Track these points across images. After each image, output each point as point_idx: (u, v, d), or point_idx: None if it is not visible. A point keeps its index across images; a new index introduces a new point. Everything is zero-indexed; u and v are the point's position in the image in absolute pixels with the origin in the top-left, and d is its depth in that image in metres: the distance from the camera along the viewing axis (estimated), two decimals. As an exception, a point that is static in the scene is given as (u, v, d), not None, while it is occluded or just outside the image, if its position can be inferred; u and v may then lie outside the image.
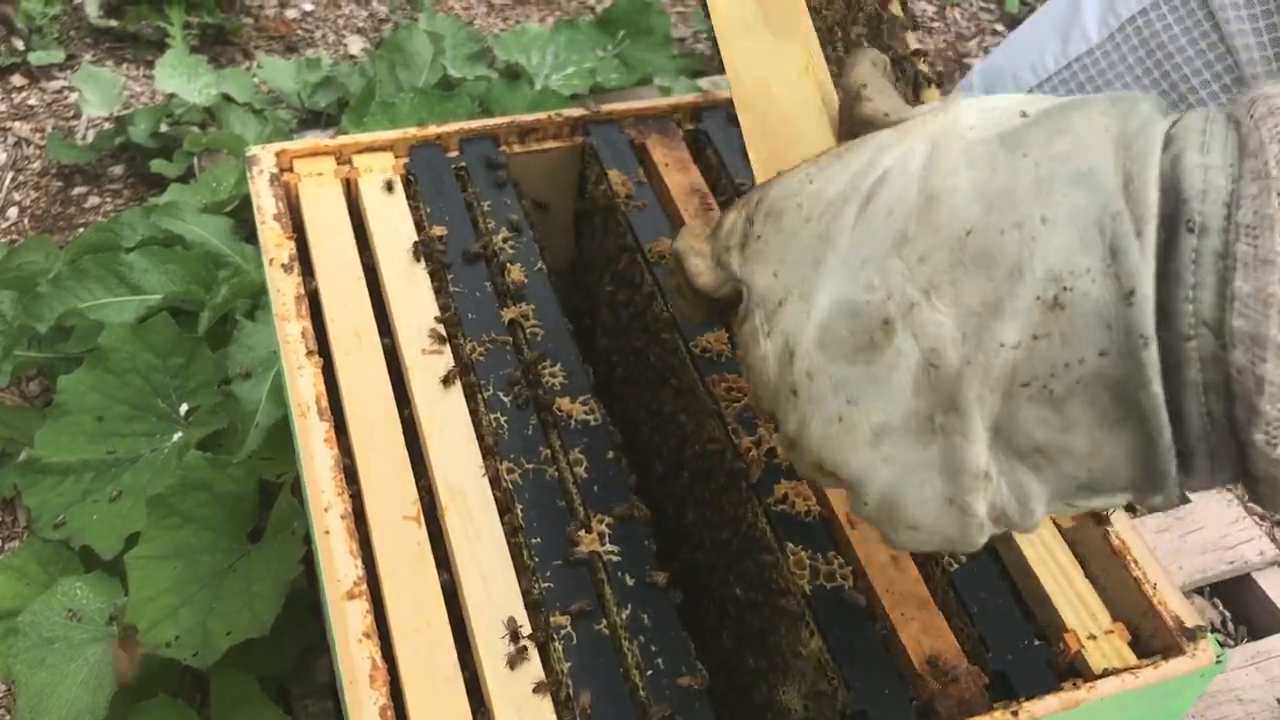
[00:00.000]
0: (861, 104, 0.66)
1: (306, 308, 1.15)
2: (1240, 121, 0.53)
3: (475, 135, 1.35)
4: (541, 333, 1.18)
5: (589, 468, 1.07)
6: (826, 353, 0.58)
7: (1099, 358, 0.51)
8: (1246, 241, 0.48)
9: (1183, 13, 1.30)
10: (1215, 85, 1.29)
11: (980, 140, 0.55)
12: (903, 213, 0.55)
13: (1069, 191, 0.52)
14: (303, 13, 3.05)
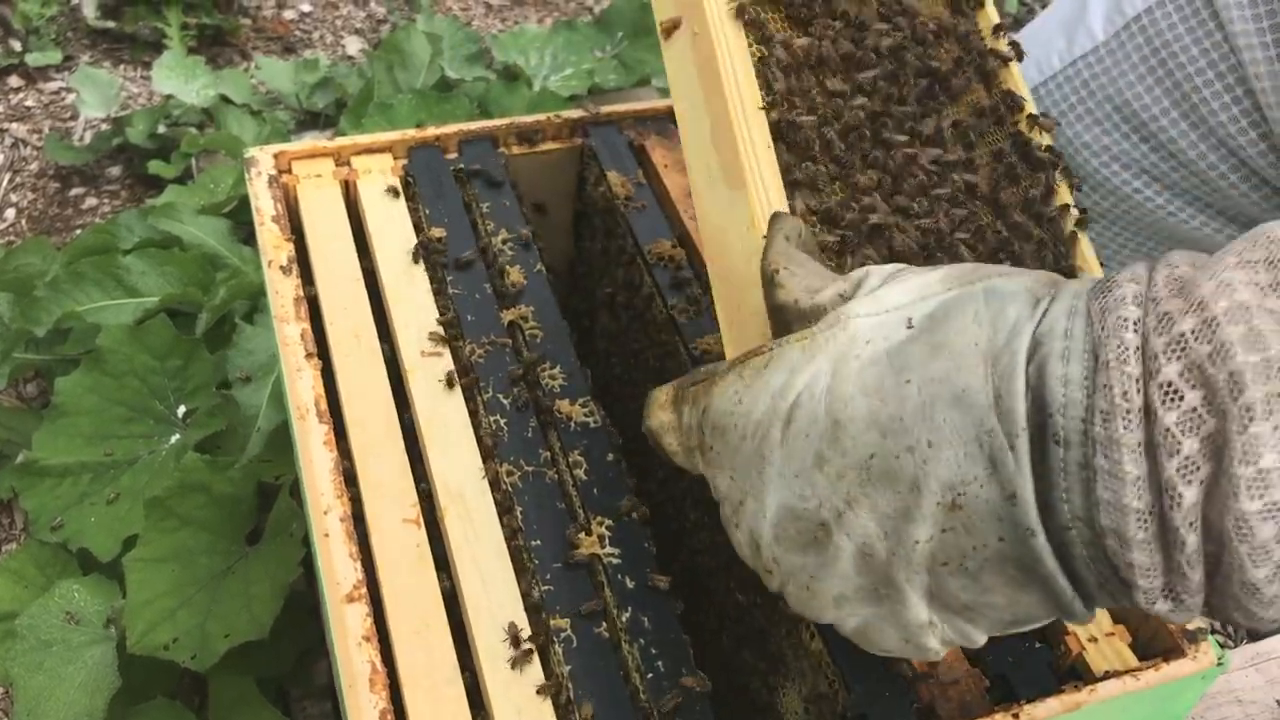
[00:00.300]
0: (775, 290, 0.72)
1: (305, 310, 1.15)
2: (1092, 324, 0.58)
3: (474, 137, 1.35)
4: (541, 334, 1.18)
5: (589, 470, 1.07)
6: (782, 546, 0.67)
7: (999, 542, 0.59)
8: (1102, 455, 0.55)
9: (1187, 11, 1.31)
10: (1219, 84, 1.29)
11: (871, 361, 0.62)
12: (816, 435, 0.63)
13: (948, 414, 0.58)
14: (300, 13, 3.04)
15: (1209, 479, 0.52)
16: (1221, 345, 0.52)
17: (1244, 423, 0.50)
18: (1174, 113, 1.33)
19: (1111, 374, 0.55)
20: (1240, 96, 1.28)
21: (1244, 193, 1.33)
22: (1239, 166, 1.32)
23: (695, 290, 1.24)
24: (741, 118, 0.91)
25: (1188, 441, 0.52)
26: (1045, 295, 0.61)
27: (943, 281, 0.64)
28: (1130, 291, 0.57)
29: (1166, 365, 0.53)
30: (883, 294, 0.65)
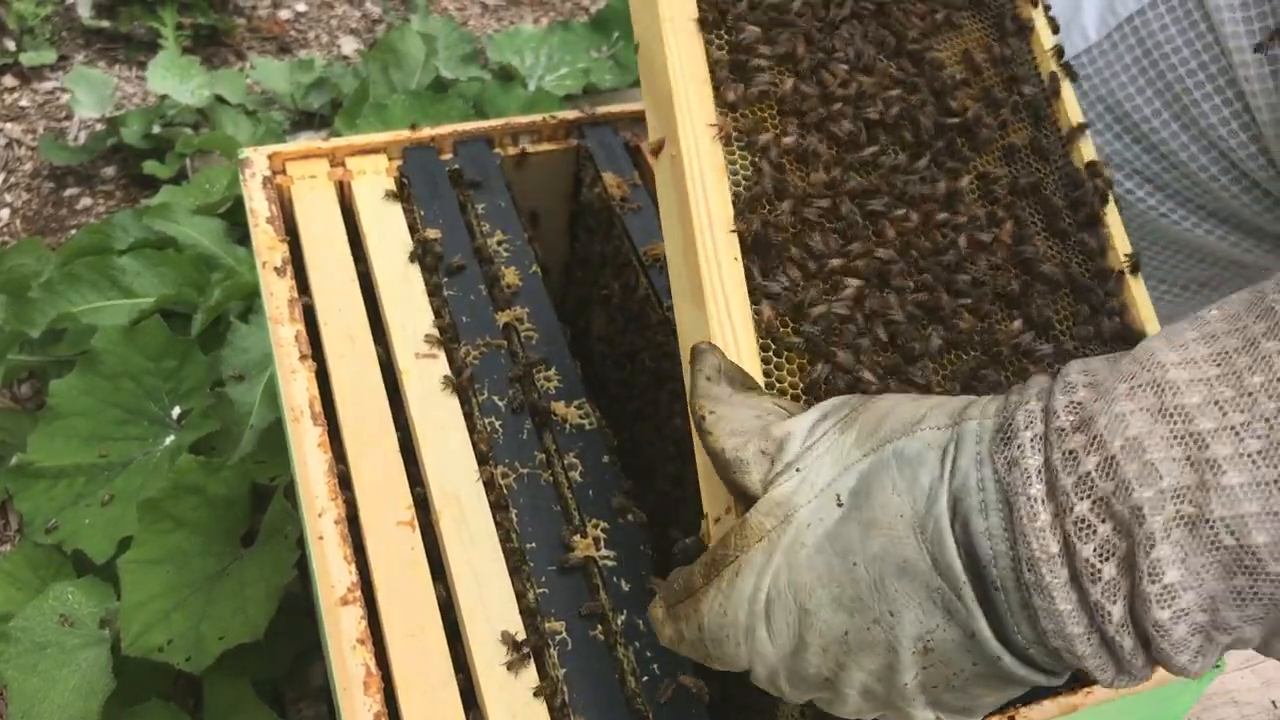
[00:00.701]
0: (705, 437, 0.76)
1: (300, 311, 1.15)
2: (999, 475, 0.64)
3: (469, 138, 1.34)
4: (536, 336, 1.18)
5: (584, 472, 1.07)
6: (798, 690, 0.73)
7: (973, 666, 0.66)
8: (1037, 597, 0.61)
9: (1180, 13, 1.30)
10: (1209, 86, 1.29)
11: (817, 549, 0.68)
12: (794, 624, 0.69)
13: (898, 585, 0.65)
14: (296, 13, 3.03)
15: (1129, 592, 0.60)
16: (1122, 482, 0.59)
17: (1147, 548, 0.58)
18: (1165, 114, 1.33)
19: (1027, 527, 0.61)
20: (1231, 99, 1.28)
21: (1234, 194, 1.33)
22: (1229, 169, 1.32)
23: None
24: (708, 238, 0.89)
25: (1106, 567, 0.60)
26: (950, 444, 0.66)
27: (857, 445, 0.70)
28: (1029, 438, 0.63)
29: (1078, 503, 0.60)
30: (810, 472, 0.70)
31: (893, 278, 0.92)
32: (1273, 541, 0.55)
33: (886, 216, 0.95)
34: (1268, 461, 0.56)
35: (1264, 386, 0.57)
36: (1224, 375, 0.59)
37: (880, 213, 0.95)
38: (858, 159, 0.97)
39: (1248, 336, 0.60)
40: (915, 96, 1.00)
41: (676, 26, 0.96)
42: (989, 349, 0.93)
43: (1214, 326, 0.62)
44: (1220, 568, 0.57)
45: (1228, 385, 0.58)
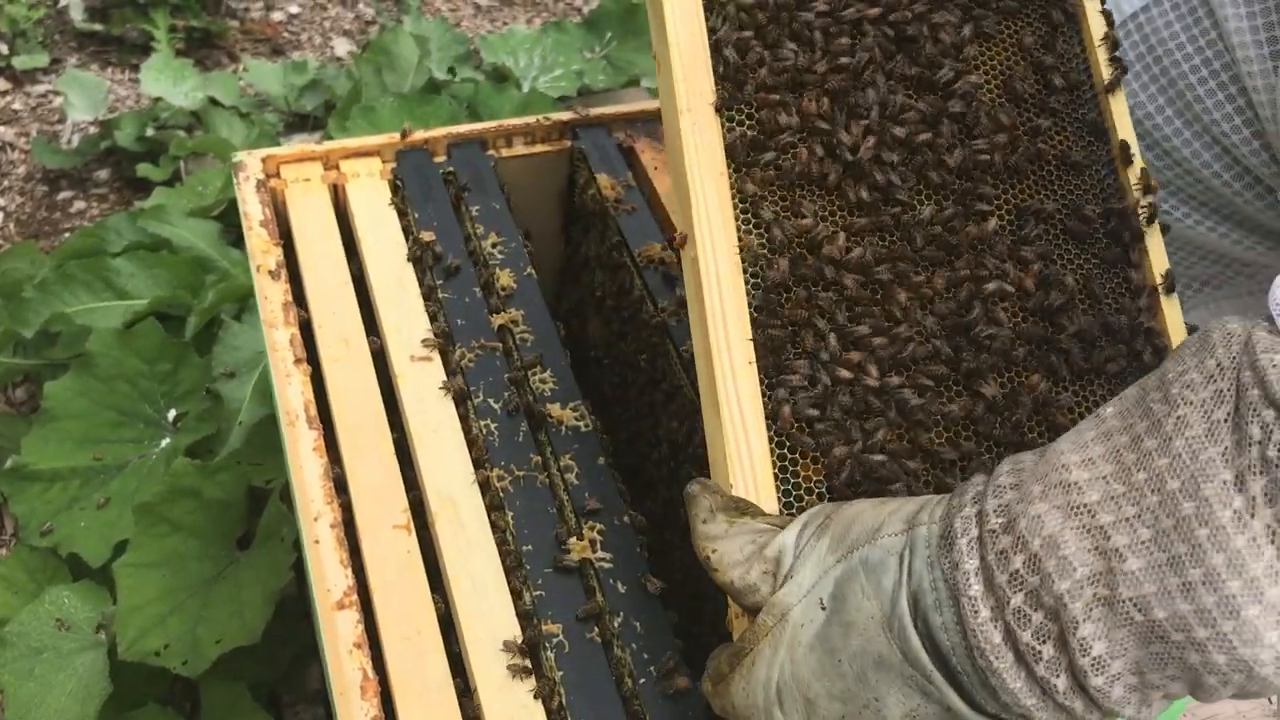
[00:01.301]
0: (713, 575, 0.85)
1: (294, 314, 1.15)
2: (947, 577, 0.72)
3: (463, 140, 1.34)
4: (531, 338, 1.18)
5: (579, 474, 1.07)
6: None
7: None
8: (993, 678, 0.70)
9: (1184, 10, 1.31)
10: (1213, 83, 1.29)
11: (809, 647, 0.78)
12: (800, 708, 0.78)
13: (878, 675, 0.74)
14: (289, 15, 3.03)
15: (1069, 665, 0.68)
16: (1045, 576, 0.68)
17: (1073, 629, 0.67)
18: (1169, 111, 1.33)
19: (971, 622, 0.70)
20: (1234, 95, 1.28)
21: (1238, 192, 1.33)
22: (1233, 165, 1.32)
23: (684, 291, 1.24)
24: (723, 345, 0.90)
25: (1045, 648, 0.68)
26: (905, 549, 0.75)
27: (831, 551, 0.78)
28: (965, 543, 0.72)
29: (1013, 597, 0.69)
30: (800, 577, 0.80)
31: (910, 353, 0.92)
32: (1170, 615, 0.64)
33: (905, 284, 0.94)
34: (1158, 547, 0.65)
35: (1148, 482, 0.66)
36: (1117, 472, 0.68)
37: (897, 280, 0.94)
38: (877, 222, 0.96)
39: (1134, 434, 0.68)
40: (943, 138, 0.99)
41: (695, 119, 0.95)
42: (1012, 409, 0.93)
43: (1109, 424, 0.70)
44: (1136, 638, 0.66)
45: (1120, 482, 0.67)
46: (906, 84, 1.00)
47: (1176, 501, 0.65)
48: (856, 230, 0.95)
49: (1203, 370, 0.67)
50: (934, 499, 0.78)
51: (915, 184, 0.98)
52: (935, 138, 0.98)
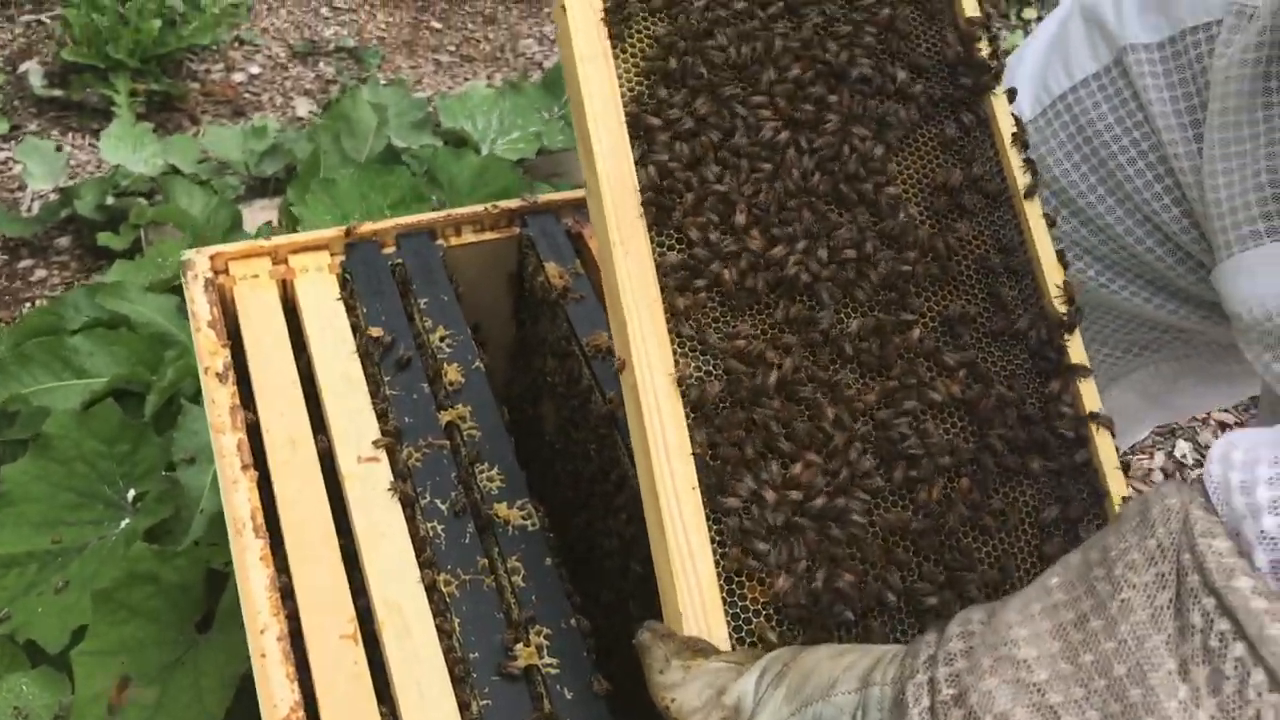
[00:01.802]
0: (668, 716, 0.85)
1: (242, 418, 1.15)
2: None
3: (411, 230, 1.36)
4: (479, 434, 1.18)
5: (526, 576, 1.08)
6: None
7: None
8: None
9: (1110, 91, 1.33)
10: (1141, 163, 1.32)
11: None
12: None
13: None
14: (249, 76, 3.05)
15: None
16: None
17: None
18: (1100, 189, 1.36)
19: None
20: (1163, 175, 1.31)
21: (1170, 266, 1.36)
22: (1164, 241, 1.34)
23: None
24: (665, 468, 0.92)
25: None
26: (858, 710, 0.76)
27: (786, 701, 0.79)
28: (918, 713, 0.71)
29: None
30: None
31: (846, 469, 0.93)
32: None
33: (837, 399, 0.96)
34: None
35: (1095, 664, 0.66)
36: (1064, 650, 0.68)
37: (830, 396, 0.96)
38: (807, 339, 0.97)
39: (1079, 611, 0.69)
40: (866, 252, 1.00)
41: (628, 249, 0.97)
42: (945, 516, 0.95)
43: (1055, 598, 0.71)
44: None
45: (1067, 661, 0.67)
46: (828, 200, 1.02)
47: (1124, 687, 0.66)
48: (787, 347, 0.97)
49: (1144, 550, 0.68)
50: (888, 654, 0.78)
51: (842, 297, 0.99)
52: (859, 253, 1.00)
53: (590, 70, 1.00)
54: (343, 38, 3.18)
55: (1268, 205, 1.16)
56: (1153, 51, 1.29)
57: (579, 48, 1.01)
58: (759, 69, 1.03)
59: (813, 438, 0.94)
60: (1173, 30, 1.27)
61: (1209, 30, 1.24)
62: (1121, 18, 1.33)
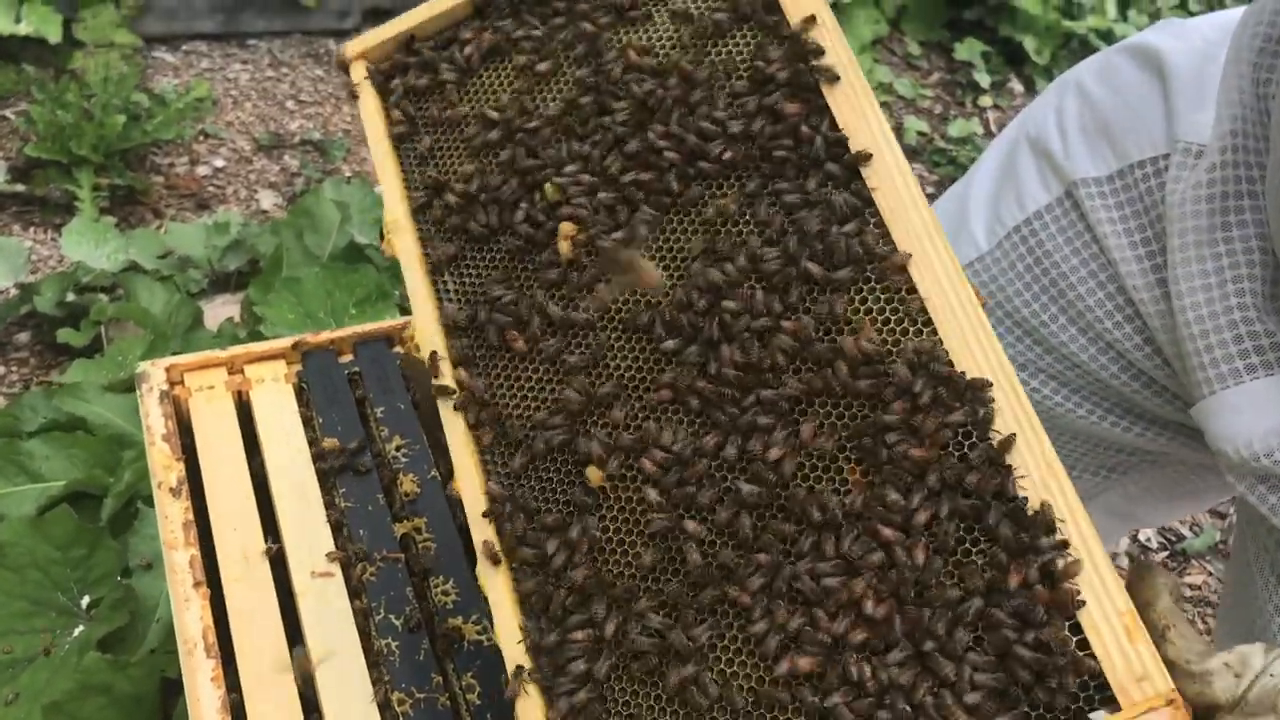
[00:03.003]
0: (1166, 646, 0.85)
1: (194, 534, 1.15)
2: None
3: (369, 338, 1.36)
4: (434, 547, 1.18)
5: (481, 694, 1.07)
6: None
7: None
8: None
9: (1064, 223, 1.36)
10: (1101, 293, 1.34)
11: None
12: None
13: None
14: (214, 169, 3.06)
15: None
16: None
17: None
18: (1061, 318, 1.37)
19: None
20: (1122, 304, 1.33)
21: (1134, 389, 1.37)
22: (1128, 367, 1.36)
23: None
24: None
25: None
26: None
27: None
28: None
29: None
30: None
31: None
32: None
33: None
34: None
35: None
36: None
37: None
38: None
39: None
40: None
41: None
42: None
43: None
44: None
45: None
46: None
47: None
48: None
49: None
50: None
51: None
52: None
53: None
54: (308, 130, 3.21)
55: (1244, 343, 1.18)
56: (1102, 185, 1.32)
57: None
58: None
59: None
60: (1120, 164, 1.30)
61: (1156, 164, 1.27)
62: (1069, 150, 1.35)
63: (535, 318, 1.03)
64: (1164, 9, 4.10)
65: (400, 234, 1.12)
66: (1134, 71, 1.34)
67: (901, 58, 3.92)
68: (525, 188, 1.08)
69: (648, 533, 0.93)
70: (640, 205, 1.03)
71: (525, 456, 1.00)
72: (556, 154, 1.07)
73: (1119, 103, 1.32)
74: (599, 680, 0.91)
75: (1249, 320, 1.17)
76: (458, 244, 1.10)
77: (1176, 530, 2.51)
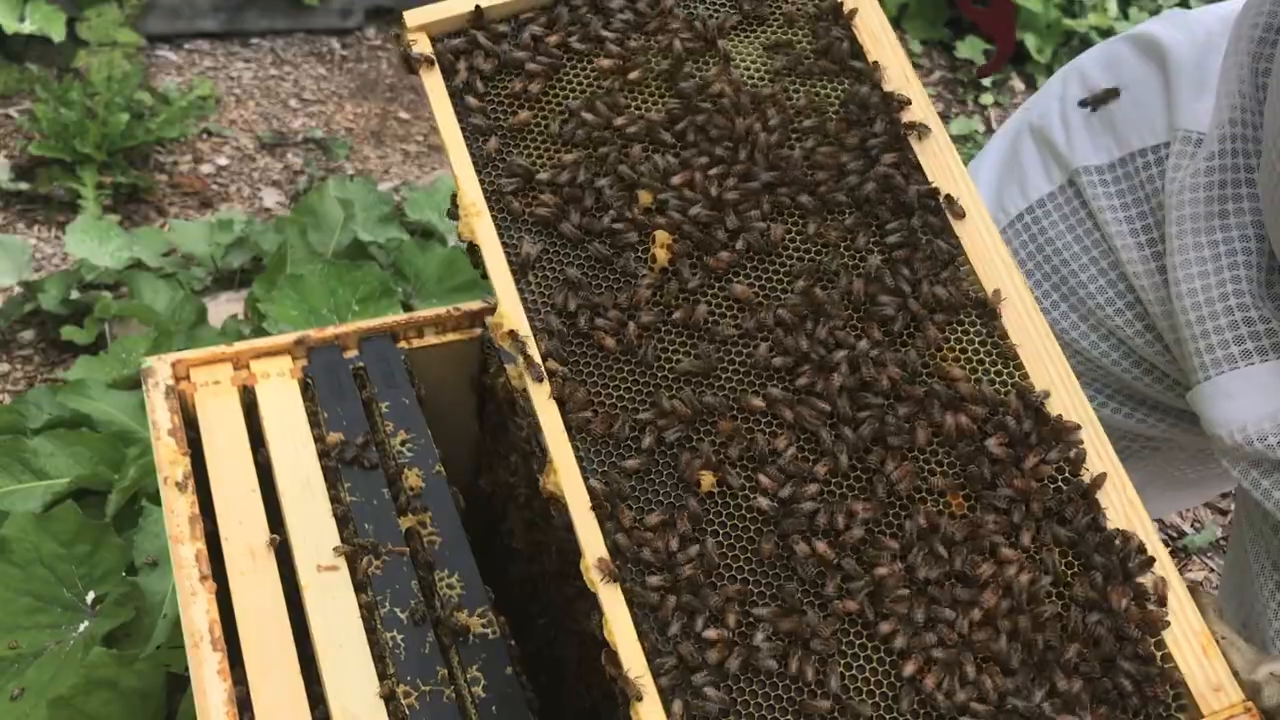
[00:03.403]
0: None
1: (200, 528, 1.15)
2: None
3: (374, 334, 1.36)
4: (439, 540, 1.18)
5: (487, 686, 1.07)
6: None
7: None
8: None
9: (1066, 210, 1.37)
10: (1102, 280, 1.35)
11: None
12: None
13: None
14: (217, 167, 3.07)
15: None
16: None
17: None
18: (1063, 305, 1.38)
19: None
20: (1124, 291, 1.33)
21: (1137, 377, 1.38)
22: (1129, 354, 1.37)
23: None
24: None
25: None
26: None
27: None
28: None
29: None
30: None
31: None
32: None
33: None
34: None
35: None
36: None
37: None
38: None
39: None
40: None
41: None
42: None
43: None
44: None
45: None
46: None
47: None
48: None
49: None
50: None
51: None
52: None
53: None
54: (311, 129, 3.21)
55: (1239, 329, 1.19)
56: (1104, 173, 1.32)
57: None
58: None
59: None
60: (1122, 152, 1.31)
61: (1158, 153, 1.28)
62: (1071, 139, 1.36)
63: (630, 324, 1.02)
64: (1164, 6, 4.11)
65: (478, 217, 1.05)
66: (1136, 61, 1.34)
67: (903, 56, 3.91)
68: (624, 187, 1.07)
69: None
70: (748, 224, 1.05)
71: (637, 456, 0.98)
72: (659, 163, 1.07)
73: (1121, 92, 1.33)
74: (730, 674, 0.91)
75: (1244, 307, 1.18)
76: (544, 242, 1.05)
77: (1178, 526, 2.51)
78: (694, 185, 1.06)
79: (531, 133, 1.11)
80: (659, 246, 1.04)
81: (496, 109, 1.11)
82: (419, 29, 1.12)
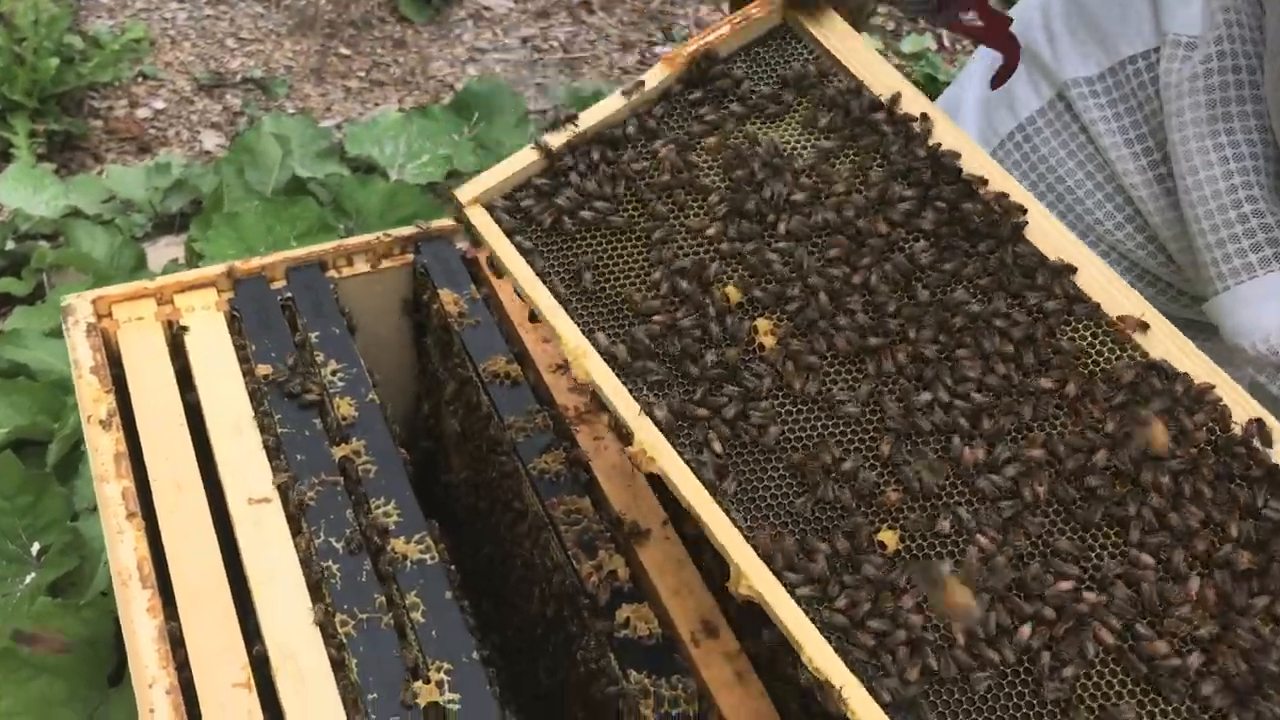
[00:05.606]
0: None
1: (127, 465, 1.12)
2: None
3: (301, 264, 1.33)
4: (374, 469, 1.16)
5: (426, 611, 1.05)
6: None
7: None
8: None
9: (1058, 125, 1.34)
10: (1099, 194, 1.33)
11: None
12: None
13: None
14: (154, 111, 2.99)
15: None
16: None
17: None
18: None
19: None
20: (1122, 204, 1.32)
21: (1139, 289, 1.37)
22: (1131, 268, 1.36)
23: (532, 406, 1.23)
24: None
25: None
26: None
27: None
28: None
29: None
30: None
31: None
32: None
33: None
34: None
35: None
36: None
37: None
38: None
39: None
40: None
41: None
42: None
43: None
44: None
45: None
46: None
47: None
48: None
49: None
50: None
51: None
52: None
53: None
54: (249, 69, 3.14)
55: (1256, 235, 1.17)
56: (1094, 84, 1.30)
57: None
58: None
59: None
60: (1111, 61, 1.29)
61: (1148, 59, 1.26)
62: (1057, 52, 1.33)
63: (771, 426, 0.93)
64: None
65: (589, 358, 0.96)
66: None
67: (853, -26, 3.85)
68: (702, 286, 0.99)
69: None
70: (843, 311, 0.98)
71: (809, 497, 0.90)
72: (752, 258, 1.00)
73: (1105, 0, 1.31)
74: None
75: (1259, 213, 1.16)
76: (661, 370, 0.96)
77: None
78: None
79: (614, 260, 1.03)
80: (765, 334, 0.97)
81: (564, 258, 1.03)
82: (473, 202, 1.02)
